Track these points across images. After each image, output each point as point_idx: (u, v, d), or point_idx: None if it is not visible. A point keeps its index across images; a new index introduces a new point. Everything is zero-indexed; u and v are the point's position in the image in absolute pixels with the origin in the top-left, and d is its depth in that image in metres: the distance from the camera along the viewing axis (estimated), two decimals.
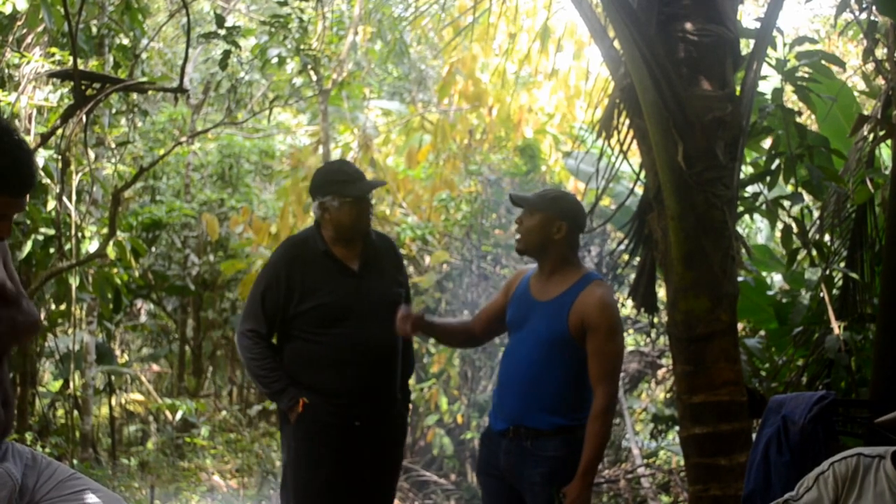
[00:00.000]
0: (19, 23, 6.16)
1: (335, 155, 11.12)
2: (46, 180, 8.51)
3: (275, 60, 7.80)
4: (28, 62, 6.00)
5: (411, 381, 4.29)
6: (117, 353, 13.03)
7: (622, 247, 4.61)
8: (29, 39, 6.59)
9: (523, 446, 3.31)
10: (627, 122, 4.29)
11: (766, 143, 4.65)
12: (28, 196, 2.32)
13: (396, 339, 3.66)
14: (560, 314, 3.31)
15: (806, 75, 4.45)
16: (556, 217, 3.36)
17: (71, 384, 10.03)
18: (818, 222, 5.00)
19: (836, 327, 4.47)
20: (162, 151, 9.86)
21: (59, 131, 5.85)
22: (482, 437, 3.56)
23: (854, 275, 4.72)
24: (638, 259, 4.45)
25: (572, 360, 3.31)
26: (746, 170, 4.50)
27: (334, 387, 3.54)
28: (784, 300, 5.27)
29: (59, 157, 6.64)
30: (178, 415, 10.47)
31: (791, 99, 4.70)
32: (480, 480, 3.56)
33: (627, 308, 6.91)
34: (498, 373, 3.54)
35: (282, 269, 3.58)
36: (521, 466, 3.32)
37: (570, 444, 3.30)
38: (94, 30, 6.65)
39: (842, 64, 4.77)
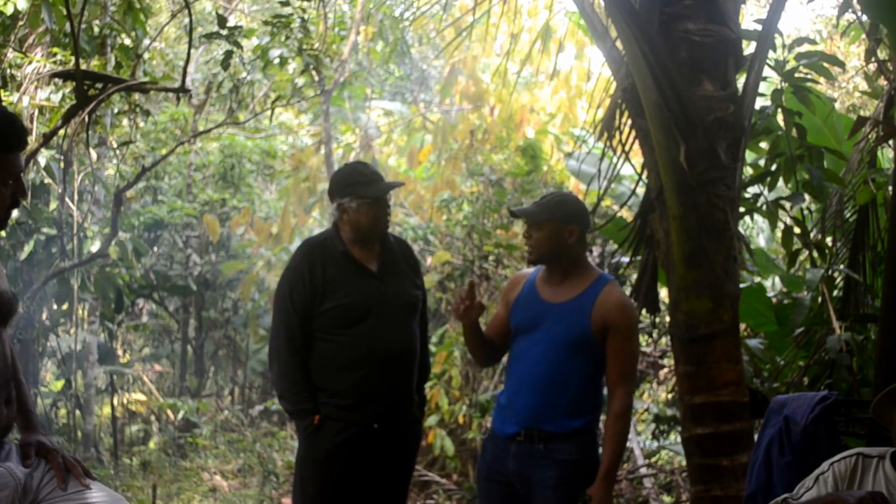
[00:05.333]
0: (21, 23, 6.17)
1: (337, 155, 11.14)
2: (48, 180, 8.53)
3: (276, 61, 7.80)
4: (30, 62, 6.00)
5: None
6: (119, 352, 13.05)
7: (624, 247, 4.61)
8: (31, 39, 6.60)
9: (535, 449, 3.29)
10: (629, 122, 4.29)
11: (765, 144, 4.65)
12: (23, 157, 2.33)
13: (414, 340, 3.67)
14: (581, 315, 3.30)
15: (805, 76, 4.45)
16: (566, 222, 3.35)
17: (73, 384, 10.06)
18: (820, 223, 5.00)
19: (838, 328, 4.47)
20: (164, 151, 9.87)
21: (61, 131, 5.85)
22: (485, 441, 3.53)
23: (856, 275, 4.72)
24: (640, 259, 4.45)
25: (591, 361, 3.32)
26: (745, 171, 4.50)
27: (352, 387, 3.54)
28: (785, 301, 5.28)
29: (61, 157, 6.65)
30: (180, 414, 10.49)
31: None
32: (481, 485, 3.51)
33: None
34: (507, 376, 3.50)
35: (305, 270, 3.59)
36: (532, 470, 3.29)
37: (584, 446, 3.30)
38: (96, 30, 6.65)
39: (841, 65, 4.77)
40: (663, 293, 4.85)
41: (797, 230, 4.57)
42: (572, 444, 3.28)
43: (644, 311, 4.42)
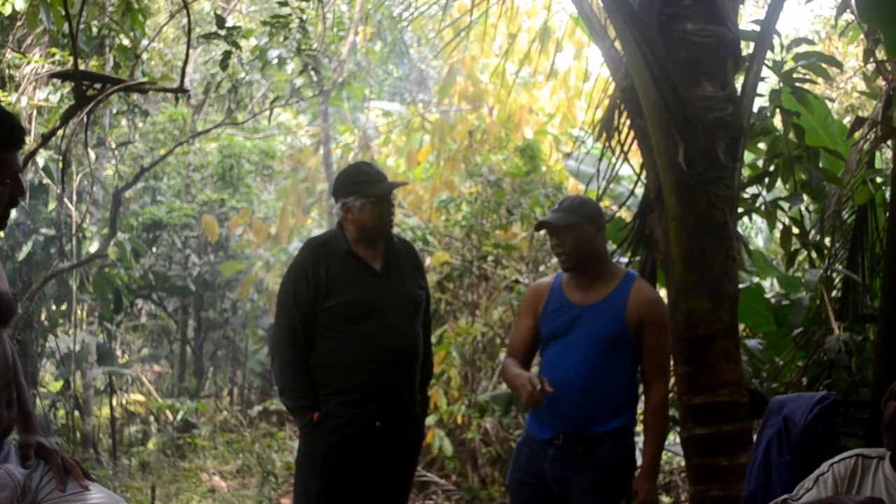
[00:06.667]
0: (19, 23, 6.17)
1: (335, 156, 11.13)
2: (47, 181, 8.52)
3: (275, 61, 7.80)
4: (28, 63, 6.00)
5: None
6: (118, 353, 13.05)
7: (623, 247, 4.61)
8: (29, 40, 6.60)
9: (574, 452, 3.29)
10: (628, 122, 4.29)
11: (763, 145, 4.65)
12: (21, 157, 2.32)
13: (417, 339, 3.69)
14: (617, 313, 3.31)
15: (803, 76, 4.46)
16: (592, 222, 3.36)
17: (72, 384, 10.05)
18: (818, 223, 5.00)
19: (837, 328, 4.47)
20: (162, 152, 9.87)
21: (60, 132, 5.84)
22: (520, 443, 3.52)
23: (854, 276, 4.72)
24: (639, 260, 4.45)
25: (628, 358, 3.33)
26: (744, 171, 4.50)
27: (355, 384, 3.55)
28: (784, 303, 5.28)
29: (60, 157, 6.64)
30: (179, 415, 10.48)
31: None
32: (512, 487, 3.51)
33: None
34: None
35: (309, 267, 3.61)
36: (570, 472, 3.29)
37: (622, 447, 3.31)
38: (95, 30, 6.65)
39: (839, 65, 4.77)
40: (662, 293, 4.85)
41: (795, 230, 4.57)
42: (611, 445, 3.29)
43: None
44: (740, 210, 4.24)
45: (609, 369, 3.30)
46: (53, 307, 10.12)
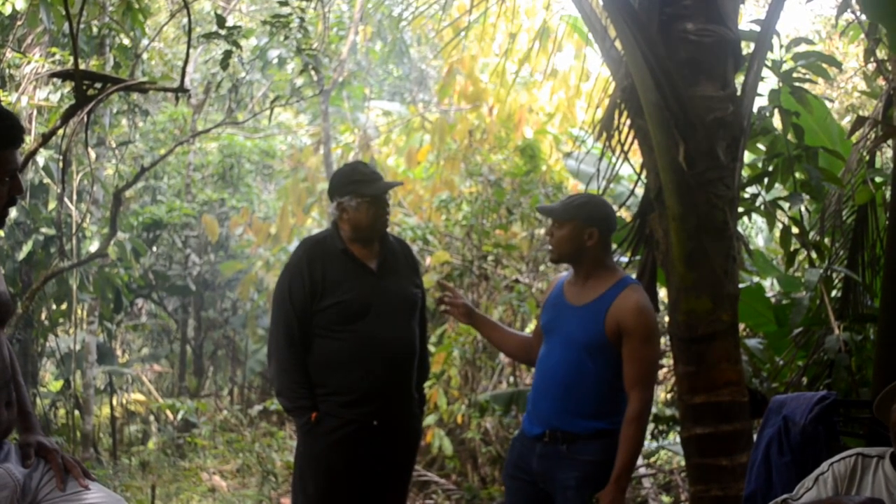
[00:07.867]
0: (19, 23, 6.18)
1: (335, 155, 11.14)
2: (47, 180, 8.53)
3: (275, 61, 7.80)
4: (29, 62, 6.01)
5: None
6: (118, 352, 13.06)
7: (623, 247, 4.61)
8: (29, 39, 6.61)
9: (559, 450, 3.30)
10: (628, 122, 4.29)
11: (762, 145, 4.65)
12: (19, 155, 2.32)
13: (414, 338, 3.70)
14: (596, 318, 3.30)
15: (803, 76, 4.46)
16: (586, 224, 3.35)
17: (72, 384, 10.05)
18: (818, 223, 5.00)
19: (837, 328, 4.47)
20: (163, 151, 9.87)
21: (60, 131, 5.84)
22: (514, 440, 3.55)
23: (854, 275, 4.72)
24: (639, 259, 4.45)
25: (609, 364, 3.30)
26: (743, 171, 4.49)
27: (352, 384, 3.55)
28: (784, 302, 5.28)
29: (60, 157, 6.64)
30: (179, 415, 10.49)
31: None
32: (506, 483, 3.54)
33: None
34: (533, 378, 3.51)
35: (304, 267, 3.62)
36: (555, 470, 3.30)
37: (607, 448, 3.28)
38: (95, 30, 6.66)
39: (838, 65, 4.77)
40: (662, 293, 4.85)
41: (795, 230, 4.57)
42: (596, 446, 3.28)
43: None
44: (740, 210, 4.24)
45: (586, 373, 3.29)
46: (53, 307, 10.12)
